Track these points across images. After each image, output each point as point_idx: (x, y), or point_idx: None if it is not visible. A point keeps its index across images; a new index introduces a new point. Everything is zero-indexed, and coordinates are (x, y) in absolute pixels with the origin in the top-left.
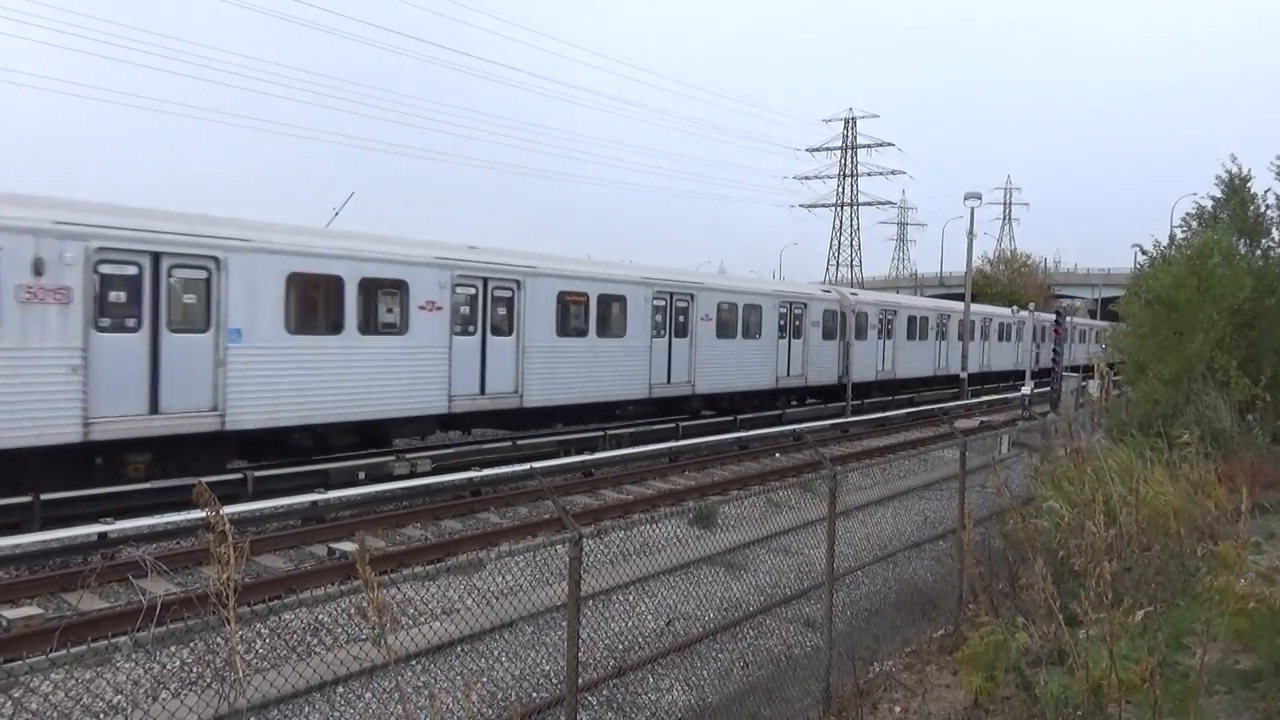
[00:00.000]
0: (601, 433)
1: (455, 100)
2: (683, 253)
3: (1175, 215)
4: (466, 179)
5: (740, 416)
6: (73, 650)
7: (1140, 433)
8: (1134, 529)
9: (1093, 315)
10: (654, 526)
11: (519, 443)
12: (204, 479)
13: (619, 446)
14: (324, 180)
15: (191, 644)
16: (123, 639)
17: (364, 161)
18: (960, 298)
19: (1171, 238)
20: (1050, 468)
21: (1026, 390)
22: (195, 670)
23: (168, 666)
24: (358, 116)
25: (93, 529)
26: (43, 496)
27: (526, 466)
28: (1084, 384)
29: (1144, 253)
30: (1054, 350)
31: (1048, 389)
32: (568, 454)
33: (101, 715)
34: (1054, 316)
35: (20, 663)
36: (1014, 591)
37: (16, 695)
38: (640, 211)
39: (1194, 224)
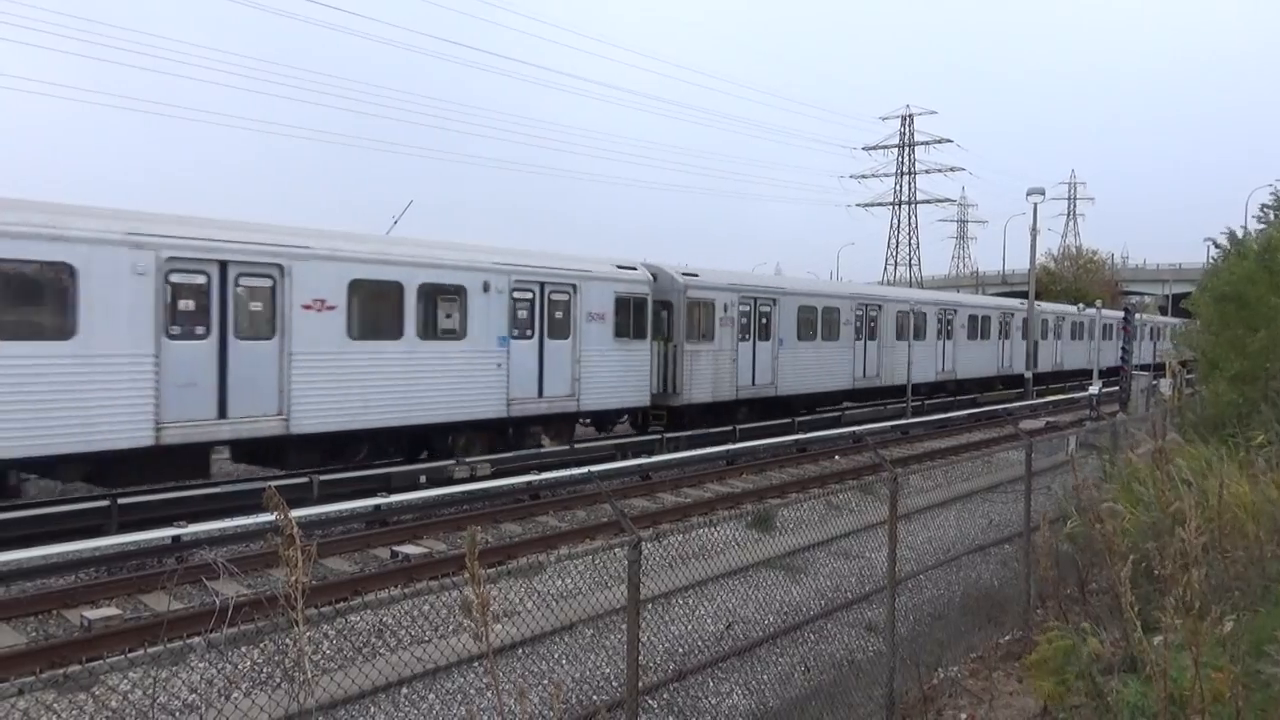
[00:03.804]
0: (659, 436)
1: (517, 106)
2: (738, 253)
3: (1251, 206)
4: (537, 185)
5: (799, 419)
6: (150, 650)
7: (1212, 433)
8: (1216, 534)
9: (1163, 312)
10: (712, 530)
11: (576, 446)
12: (273, 483)
13: (675, 450)
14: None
15: (262, 645)
16: (197, 639)
17: (399, 167)
18: (1024, 295)
19: (1239, 232)
20: (1120, 470)
21: (1094, 390)
22: (265, 670)
23: (239, 666)
24: (411, 124)
25: (167, 532)
26: (120, 501)
27: (584, 470)
28: (1155, 383)
29: (1216, 246)
30: (1122, 348)
31: (1116, 388)
32: (624, 457)
33: (177, 714)
34: (1122, 313)
35: (101, 662)
36: (1083, 597)
37: (98, 693)
38: (686, 213)
39: (1272, 215)
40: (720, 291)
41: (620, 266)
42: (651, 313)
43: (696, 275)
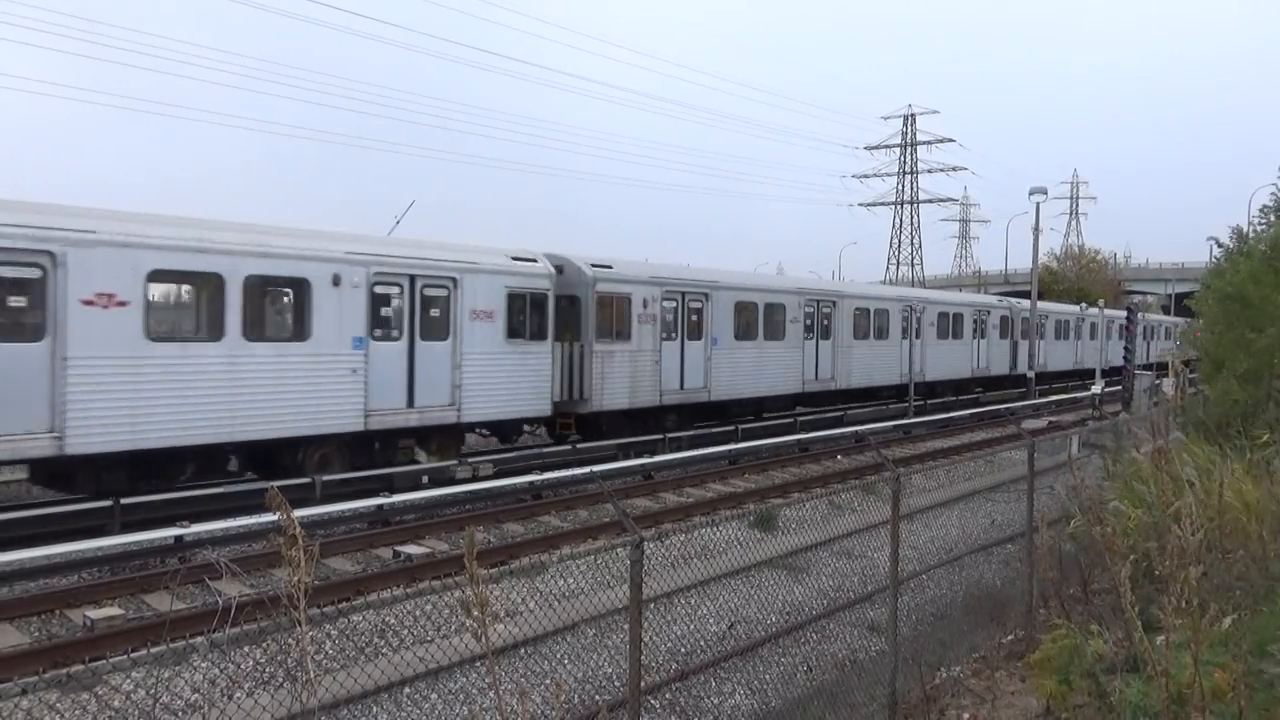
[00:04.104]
0: (661, 436)
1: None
2: (741, 252)
3: (1253, 206)
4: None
5: (801, 418)
6: (153, 650)
7: (1217, 432)
8: (1216, 533)
9: (1166, 311)
10: (714, 529)
11: (578, 446)
12: (276, 483)
13: (678, 449)
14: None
15: (264, 645)
16: (199, 639)
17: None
18: (1026, 295)
19: (1242, 232)
20: (1122, 469)
21: (1097, 389)
22: (268, 670)
23: (242, 666)
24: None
25: (170, 532)
26: (122, 501)
27: (586, 470)
28: (1158, 382)
29: (1219, 245)
30: (1125, 348)
31: (1119, 388)
32: (627, 457)
33: (180, 713)
34: (1124, 313)
35: (104, 661)
36: (1086, 596)
37: (101, 692)
38: (689, 213)
39: (1273, 217)
40: (638, 285)
41: (516, 258)
42: (555, 310)
43: (609, 267)
